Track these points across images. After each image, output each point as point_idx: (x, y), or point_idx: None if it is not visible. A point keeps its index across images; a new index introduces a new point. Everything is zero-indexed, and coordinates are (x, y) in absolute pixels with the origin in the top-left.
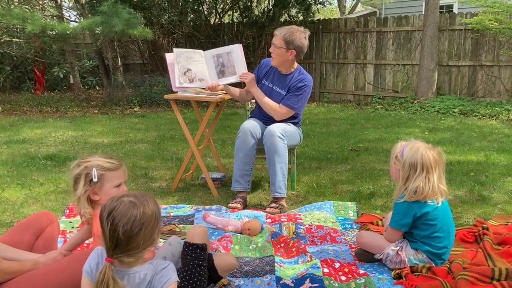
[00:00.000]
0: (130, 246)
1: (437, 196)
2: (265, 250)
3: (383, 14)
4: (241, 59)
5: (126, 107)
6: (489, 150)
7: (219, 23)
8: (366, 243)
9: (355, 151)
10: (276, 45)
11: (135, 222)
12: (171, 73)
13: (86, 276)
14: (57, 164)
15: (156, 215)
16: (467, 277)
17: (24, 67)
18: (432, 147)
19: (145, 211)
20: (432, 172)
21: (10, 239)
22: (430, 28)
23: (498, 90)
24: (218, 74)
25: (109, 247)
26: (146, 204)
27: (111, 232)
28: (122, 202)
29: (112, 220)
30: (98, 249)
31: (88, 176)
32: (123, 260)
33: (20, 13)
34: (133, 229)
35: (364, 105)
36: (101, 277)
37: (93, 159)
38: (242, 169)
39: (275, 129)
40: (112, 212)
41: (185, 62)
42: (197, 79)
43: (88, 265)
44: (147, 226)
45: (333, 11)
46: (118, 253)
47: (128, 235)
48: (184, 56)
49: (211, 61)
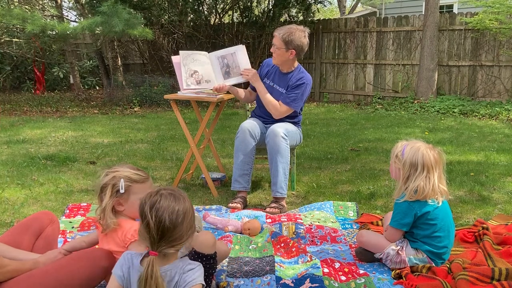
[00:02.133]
0: (176, 236)
1: (437, 196)
2: (265, 250)
3: (383, 14)
4: (245, 59)
5: (126, 107)
6: (489, 150)
7: (219, 23)
8: (366, 242)
9: (355, 151)
10: (276, 45)
11: (179, 212)
12: (178, 75)
13: (117, 280)
14: (57, 164)
15: (192, 207)
16: (467, 277)
17: (24, 67)
18: (432, 147)
19: (184, 203)
20: (433, 171)
21: (10, 239)
22: (430, 28)
23: (498, 90)
24: (224, 75)
25: (154, 240)
26: (182, 197)
27: (157, 223)
28: (163, 195)
29: (156, 212)
30: (128, 253)
31: (115, 187)
32: (166, 252)
33: (20, 13)
34: (178, 218)
35: (364, 105)
36: (148, 271)
37: (122, 170)
38: (241, 168)
39: (278, 129)
40: (155, 205)
41: (191, 64)
42: (204, 80)
43: (120, 269)
44: (188, 215)
45: (333, 11)
46: (163, 244)
47: (174, 224)
48: (190, 58)
49: (216, 62)
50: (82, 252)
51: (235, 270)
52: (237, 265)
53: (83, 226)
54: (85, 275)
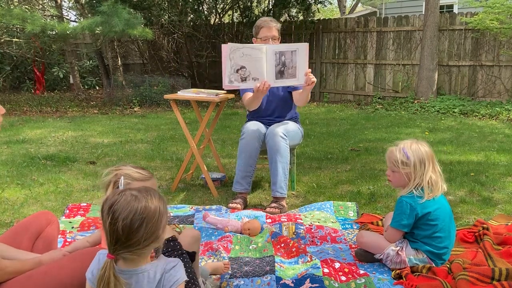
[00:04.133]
0: (131, 242)
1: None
2: (265, 250)
3: (383, 14)
4: (305, 60)
5: (126, 107)
6: (489, 150)
7: (219, 23)
8: (366, 243)
9: (355, 151)
10: (275, 36)
11: (135, 216)
12: (223, 69)
13: (88, 283)
14: (57, 164)
15: (160, 211)
16: (467, 277)
17: (24, 67)
18: (418, 141)
19: (147, 206)
20: (434, 161)
21: (10, 239)
22: (430, 28)
23: (498, 90)
24: (277, 74)
25: (110, 242)
26: (149, 199)
27: (111, 226)
28: (124, 195)
29: (113, 214)
30: (99, 254)
31: (116, 184)
32: (126, 257)
33: (20, 13)
34: (133, 223)
35: (364, 105)
36: (101, 273)
37: (124, 168)
38: (244, 170)
39: (277, 129)
40: (113, 206)
41: (239, 58)
42: (251, 77)
43: (90, 271)
44: (149, 221)
45: (333, 11)
46: (118, 249)
47: (128, 230)
48: (240, 52)
49: (272, 58)
50: (83, 252)
51: (235, 270)
52: (237, 265)
53: (83, 226)
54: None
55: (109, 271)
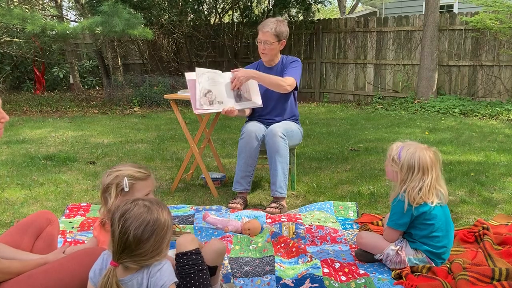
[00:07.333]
0: (138, 252)
1: (433, 197)
2: (265, 250)
3: (383, 14)
4: (256, 83)
5: (126, 107)
6: (489, 150)
7: (219, 23)
8: (366, 244)
9: (355, 151)
10: (269, 41)
11: (147, 227)
12: (191, 94)
13: (90, 282)
14: (57, 164)
15: (168, 225)
16: (467, 277)
17: (24, 67)
18: (427, 147)
19: (158, 218)
20: (429, 173)
21: (10, 239)
22: (430, 28)
23: (498, 90)
24: (236, 98)
25: (116, 250)
26: (160, 211)
27: (121, 234)
28: (137, 205)
29: (124, 222)
30: (104, 254)
31: (119, 186)
32: (128, 266)
33: (20, 13)
34: (144, 234)
35: (364, 105)
36: (104, 281)
37: (124, 169)
38: (244, 170)
39: (277, 129)
40: (125, 214)
41: (206, 83)
42: (217, 101)
43: (93, 270)
44: (158, 234)
45: (333, 11)
46: (124, 257)
47: (138, 240)
48: (206, 76)
49: (229, 83)
50: (84, 251)
51: (235, 270)
52: (237, 265)
53: (83, 226)
54: (86, 274)
55: (112, 279)
